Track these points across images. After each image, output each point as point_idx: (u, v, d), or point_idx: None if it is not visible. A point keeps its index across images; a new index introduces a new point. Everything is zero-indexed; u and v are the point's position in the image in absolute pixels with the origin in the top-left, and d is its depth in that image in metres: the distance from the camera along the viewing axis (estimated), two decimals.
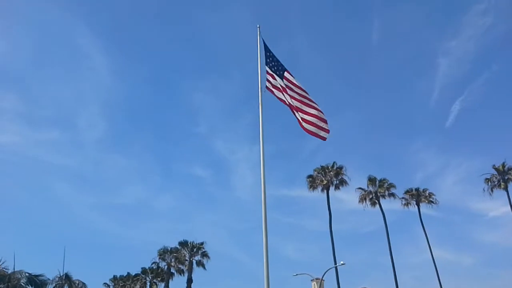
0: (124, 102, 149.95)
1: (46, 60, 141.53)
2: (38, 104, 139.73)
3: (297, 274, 50.02)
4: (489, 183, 53.38)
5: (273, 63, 13.21)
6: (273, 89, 13.18)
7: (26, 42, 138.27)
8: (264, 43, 13.40)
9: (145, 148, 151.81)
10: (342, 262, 45.96)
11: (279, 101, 13.32)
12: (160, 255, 59.83)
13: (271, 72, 13.21)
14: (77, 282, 64.51)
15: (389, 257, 50.93)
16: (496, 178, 53.02)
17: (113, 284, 69.19)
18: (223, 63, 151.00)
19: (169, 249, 59.34)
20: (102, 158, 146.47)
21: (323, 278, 48.95)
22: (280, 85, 13.11)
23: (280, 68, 13.18)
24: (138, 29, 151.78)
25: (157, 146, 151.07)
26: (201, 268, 57.67)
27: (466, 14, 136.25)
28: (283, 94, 13.10)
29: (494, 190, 53.25)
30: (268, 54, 13.34)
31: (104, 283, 70.89)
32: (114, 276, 69.19)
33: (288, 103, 13.08)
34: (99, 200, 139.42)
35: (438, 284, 53.16)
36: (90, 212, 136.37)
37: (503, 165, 53.04)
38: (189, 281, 56.85)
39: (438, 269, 53.55)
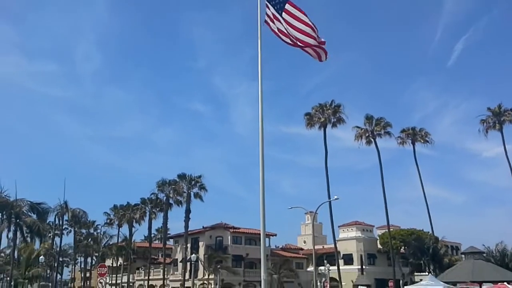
0: (120, 36, 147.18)
1: None
2: (34, 35, 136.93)
3: (291, 208, 51.80)
4: (485, 124, 53.60)
5: None
6: (270, 23, 12.91)
7: None
8: None
9: (143, 81, 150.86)
10: (335, 196, 47.37)
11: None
12: (159, 186, 61.28)
13: (270, 5, 12.88)
14: (78, 210, 66.86)
15: (382, 193, 52.47)
16: (491, 119, 53.16)
17: (113, 213, 71.41)
18: None
19: (167, 181, 60.73)
20: (100, 90, 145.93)
21: (317, 212, 50.70)
22: (272, 14, 12.71)
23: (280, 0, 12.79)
24: None
25: (156, 80, 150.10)
26: (198, 200, 59.46)
27: None
28: (273, 22, 12.72)
29: (489, 131, 53.54)
30: None
31: (105, 212, 73.26)
32: (114, 205, 71.32)
33: (285, 34, 12.80)
34: (99, 132, 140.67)
35: (428, 219, 55.32)
36: (90, 144, 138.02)
37: (499, 107, 53.00)
38: (187, 211, 58.70)
39: (429, 205, 55.50)
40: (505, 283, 38.21)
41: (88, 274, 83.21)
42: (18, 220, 45.22)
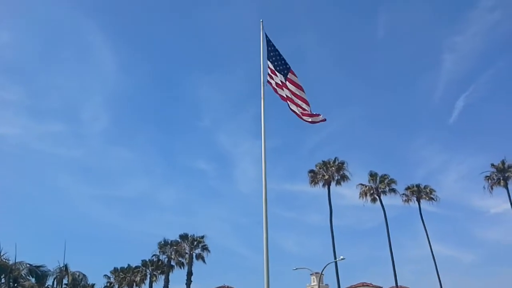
0: (128, 96, 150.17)
1: (53, 54, 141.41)
2: (43, 96, 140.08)
3: (296, 268, 50.29)
4: (489, 181, 53.28)
5: (274, 58, 13.31)
6: (272, 83, 13.32)
7: (32, 36, 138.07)
8: (267, 37, 13.47)
9: (149, 141, 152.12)
10: (341, 257, 46.20)
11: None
12: (160, 247, 60.11)
13: (272, 67, 13.31)
14: (77, 273, 64.94)
15: (389, 252, 51.18)
16: (495, 175, 52.91)
17: (113, 276, 69.53)
18: (226, 57, 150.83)
19: (169, 241, 59.64)
20: (105, 150, 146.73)
21: (323, 273, 49.22)
22: (281, 81, 13.28)
23: (282, 63, 13.30)
24: (144, 25, 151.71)
25: (161, 139, 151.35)
26: (201, 261, 58.06)
27: (473, 10, 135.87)
28: (282, 89, 13.29)
29: (494, 187, 53.14)
30: (270, 48, 13.44)
31: (105, 275, 71.30)
32: (114, 268, 69.48)
33: (286, 97, 13.27)
34: (102, 192, 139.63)
35: (437, 280, 53.48)
36: (92, 203, 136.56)
37: (503, 163, 52.86)
38: (189, 274, 57.14)
39: (438, 264, 53.90)
40: None
41: None
42: (16, 285, 43.94)
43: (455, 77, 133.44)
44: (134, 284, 65.17)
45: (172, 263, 59.63)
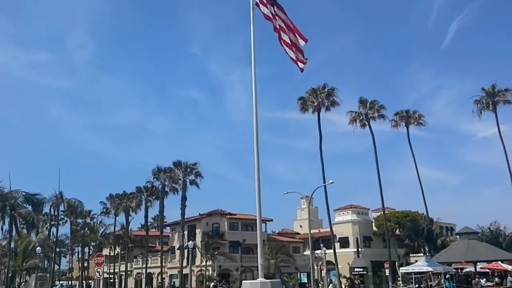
0: (114, 23, 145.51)
1: None
2: (28, 25, 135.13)
3: (287, 192, 52.02)
4: (478, 105, 53.37)
5: None
6: (262, 6, 12.94)
7: None
8: None
9: (138, 69, 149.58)
10: (330, 181, 47.45)
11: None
12: (154, 174, 61.20)
13: None
14: (73, 200, 66.61)
15: (377, 176, 52.58)
16: (485, 100, 52.95)
17: (109, 202, 71.39)
18: None
19: (163, 169, 60.64)
20: (94, 79, 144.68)
21: (312, 196, 50.86)
22: (271, 13, 12.95)
23: None
24: None
25: (150, 68, 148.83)
26: (194, 187, 59.49)
27: None
28: (275, 20, 13.00)
29: (483, 111, 53.22)
30: None
31: (101, 202, 73.25)
32: (110, 194, 71.30)
33: (278, 29, 13.01)
34: (93, 121, 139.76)
35: (423, 201, 55.71)
36: (84, 133, 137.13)
37: (493, 87, 52.62)
38: (183, 199, 58.76)
39: (425, 187, 55.91)
40: (499, 262, 38.69)
41: (85, 264, 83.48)
42: (13, 212, 45.04)
43: (449, 0, 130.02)
44: (130, 210, 67.11)
45: (166, 189, 61.07)
